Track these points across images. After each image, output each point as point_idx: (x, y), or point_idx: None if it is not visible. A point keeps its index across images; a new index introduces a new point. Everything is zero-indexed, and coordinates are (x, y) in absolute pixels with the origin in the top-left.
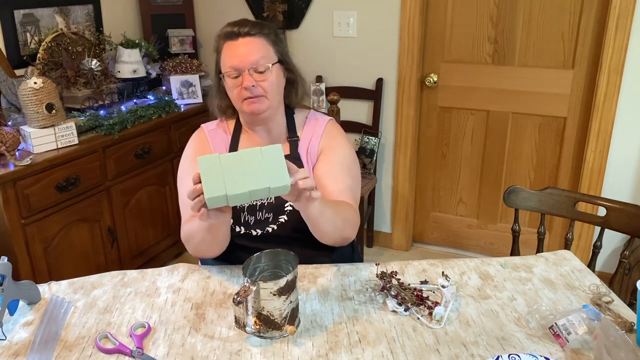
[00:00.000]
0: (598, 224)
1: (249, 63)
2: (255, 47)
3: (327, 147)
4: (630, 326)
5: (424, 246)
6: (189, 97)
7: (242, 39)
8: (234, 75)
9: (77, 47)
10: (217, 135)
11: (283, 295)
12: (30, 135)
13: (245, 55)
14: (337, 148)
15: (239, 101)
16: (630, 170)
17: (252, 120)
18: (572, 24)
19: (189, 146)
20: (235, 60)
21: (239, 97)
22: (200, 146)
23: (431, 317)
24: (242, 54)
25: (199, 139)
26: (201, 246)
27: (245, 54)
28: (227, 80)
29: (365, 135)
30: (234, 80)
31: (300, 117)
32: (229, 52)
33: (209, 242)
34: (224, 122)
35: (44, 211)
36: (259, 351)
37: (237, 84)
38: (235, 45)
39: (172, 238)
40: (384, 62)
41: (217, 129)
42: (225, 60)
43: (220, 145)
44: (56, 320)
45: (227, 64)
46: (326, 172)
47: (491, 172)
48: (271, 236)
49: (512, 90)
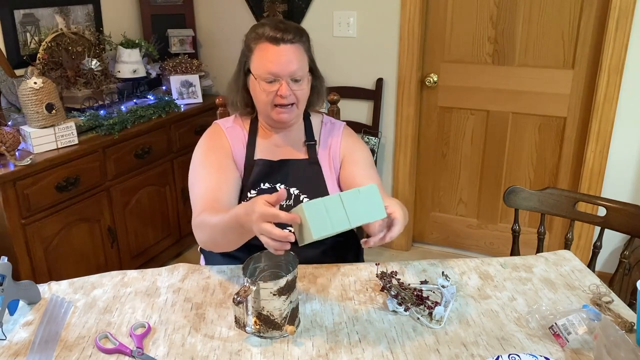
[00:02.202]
0: (598, 224)
1: (288, 72)
2: (296, 56)
3: (350, 150)
4: (630, 326)
5: (424, 246)
6: (189, 97)
7: (284, 46)
8: (270, 79)
9: (77, 47)
10: (235, 132)
11: (283, 295)
12: (30, 135)
13: (286, 63)
14: (361, 149)
15: (268, 106)
16: (630, 170)
17: (275, 125)
18: (572, 24)
19: (205, 140)
20: (275, 67)
21: (269, 102)
22: (218, 141)
23: (431, 317)
24: (283, 61)
25: (216, 134)
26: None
27: (287, 62)
28: (259, 83)
29: (365, 135)
30: (268, 85)
31: (316, 121)
32: (268, 55)
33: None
34: (239, 119)
35: (44, 211)
36: (259, 351)
37: (271, 89)
38: (276, 51)
39: (172, 238)
40: (384, 62)
41: (234, 126)
42: (263, 63)
43: (238, 142)
44: (56, 320)
45: (264, 68)
46: (358, 173)
47: (491, 172)
48: None
49: (512, 90)
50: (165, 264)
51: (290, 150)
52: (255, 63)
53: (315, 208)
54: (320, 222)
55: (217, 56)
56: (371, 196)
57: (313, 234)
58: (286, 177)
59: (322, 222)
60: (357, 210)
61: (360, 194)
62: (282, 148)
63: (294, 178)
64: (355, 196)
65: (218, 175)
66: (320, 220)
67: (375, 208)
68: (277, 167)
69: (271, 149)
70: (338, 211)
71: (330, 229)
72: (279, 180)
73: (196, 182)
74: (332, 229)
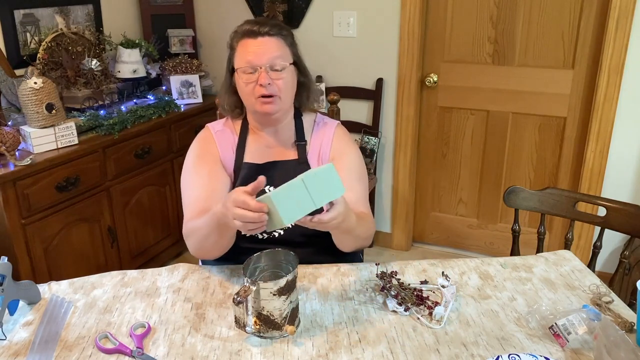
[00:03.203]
0: (598, 224)
1: (266, 60)
2: (274, 46)
3: (339, 153)
4: (630, 326)
5: (424, 246)
6: (189, 97)
7: (262, 38)
8: (250, 71)
9: (77, 47)
10: (224, 136)
11: (283, 295)
12: (30, 135)
13: (263, 52)
14: (349, 154)
15: (252, 98)
16: (630, 170)
17: (262, 120)
18: (572, 24)
19: (195, 147)
20: (252, 56)
21: (252, 94)
22: (207, 147)
23: (431, 317)
24: (260, 51)
25: (205, 140)
26: (204, 243)
27: (264, 51)
28: (241, 76)
29: (365, 135)
30: (248, 76)
31: (308, 120)
32: (246, 48)
33: (212, 242)
34: (230, 122)
35: (44, 211)
36: (259, 351)
37: (251, 79)
38: (254, 43)
39: (172, 238)
40: (384, 62)
41: (224, 129)
42: (242, 55)
43: (227, 147)
44: (56, 320)
45: (243, 59)
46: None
47: (491, 172)
48: (277, 240)
49: (512, 90)
50: (165, 264)
51: (280, 151)
52: (237, 59)
53: (282, 196)
54: (288, 208)
55: (217, 56)
56: (330, 175)
57: (284, 221)
58: (273, 179)
59: (291, 209)
60: (319, 191)
61: (320, 174)
62: (272, 149)
63: (281, 180)
64: (317, 177)
65: (207, 184)
66: (289, 207)
67: (335, 186)
68: (263, 170)
69: (261, 150)
70: (303, 195)
71: (299, 213)
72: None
73: (185, 190)
74: (300, 213)
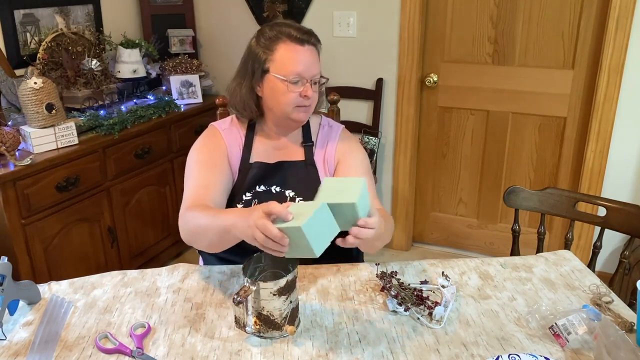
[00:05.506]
0: (598, 224)
1: (312, 74)
2: (317, 58)
3: (345, 153)
4: (630, 326)
5: (424, 246)
6: (189, 97)
7: (308, 47)
8: (295, 80)
9: (77, 47)
10: (232, 135)
11: (283, 295)
12: (30, 135)
13: (311, 64)
14: (355, 152)
15: (289, 106)
16: (630, 170)
17: (289, 125)
18: (572, 24)
19: (202, 139)
20: (302, 68)
21: (291, 102)
22: (216, 141)
23: (431, 317)
24: (309, 63)
25: (214, 135)
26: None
27: (312, 63)
28: (281, 83)
29: (365, 135)
30: (292, 86)
31: (314, 122)
32: (294, 55)
33: (209, 242)
34: (236, 121)
35: (44, 211)
36: (259, 351)
37: (294, 89)
38: (302, 51)
39: (172, 238)
40: (384, 62)
41: (230, 128)
42: (289, 63)
43: (234, 145)
44: (56, 320)
45: (290, 68)
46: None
47: (491, 172)
48: None
49: (512, 90)
50: (165, 264)
51: (288, 152)
52: (278, 63)
53: (312, 226)
54: (318, 239)
55: (217, 56)
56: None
57: (316, 253)
58: (282, 179)
59: (320, 238)
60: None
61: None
62: (280, 150)
63: (290, 180)
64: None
65: (209, 174)
66: (318, 237)
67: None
68: (273, 169)
69: (269, 151)
70: (328, 220)
71: (327, 242)
72: (274, 182)
73: (188, 178)
74: (327, 241)
